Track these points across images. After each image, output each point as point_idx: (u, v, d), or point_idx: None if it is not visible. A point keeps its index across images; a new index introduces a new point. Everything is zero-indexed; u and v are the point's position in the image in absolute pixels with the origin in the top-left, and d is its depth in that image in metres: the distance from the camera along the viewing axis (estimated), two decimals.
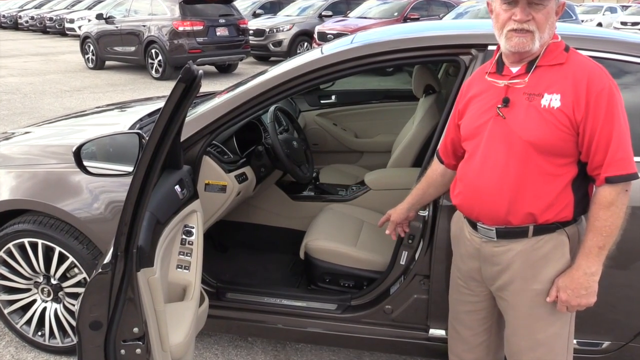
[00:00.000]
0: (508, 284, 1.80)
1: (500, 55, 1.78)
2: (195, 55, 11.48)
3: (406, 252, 2.37)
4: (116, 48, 12.63)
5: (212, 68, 12.96)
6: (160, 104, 3.33)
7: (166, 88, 10.36)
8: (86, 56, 13.48)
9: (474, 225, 1.85)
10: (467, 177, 1.81)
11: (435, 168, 2.09)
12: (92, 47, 13.19)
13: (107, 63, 13.47)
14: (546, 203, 1.68)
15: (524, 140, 1.65)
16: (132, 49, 12.24)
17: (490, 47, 2.15)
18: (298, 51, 13.41)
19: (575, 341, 2.20)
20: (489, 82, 1.77)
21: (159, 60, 11.65)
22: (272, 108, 3.14)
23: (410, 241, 2.34)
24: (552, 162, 1.66)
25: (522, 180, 1.68)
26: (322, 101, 4.55)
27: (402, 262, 2.38)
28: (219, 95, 2.75)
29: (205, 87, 10.90)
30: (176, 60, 11.44)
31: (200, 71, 1.69)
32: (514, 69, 1.72)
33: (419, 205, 2.20)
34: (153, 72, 11.88)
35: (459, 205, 1.88)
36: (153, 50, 11.71)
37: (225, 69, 12.95)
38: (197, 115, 2.45)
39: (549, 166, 1.66)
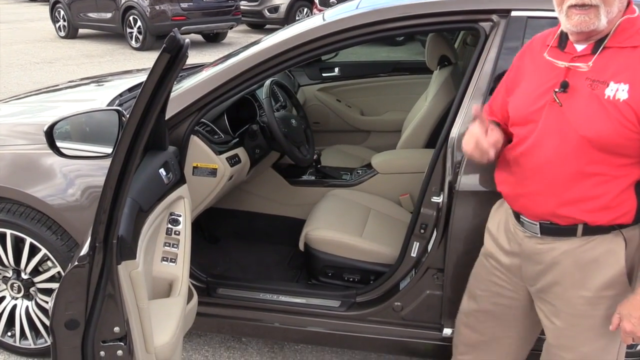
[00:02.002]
0: (552, 285, 1.77)
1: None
2: (179, 23, 11.46)
3: (418, 243, 2.38)
4: (90, 14, 12.56)
5: (199, 37, 12.93)
6: (142, 77, 3.32)
7: (148, 60, 10.32)
8: (57, 24, 13.40)
9: (517, 217, 1.83)
10: (515, 166, 1.76)
11: None
12: (63, 13, 13.12)
13: (81, 31, 13.40)
14: (600, 205, 1.63)
15: (579, 135, 1.59)
16: (109, 15, 12.17)
17: (514, 13, 2.14)
18: (297, 18, 13.34)
19: None
20: (546, 60, 1.69)
21: (139, 28, 11.60)
22: (267, 82, 3.13)
23: (422, 231, 2.35)
24: (612, 162, 1.60)
25: (573, 178, 1.62)
26: (324, 74, 4.53)
27: (413, 254, 2.39)
28: (207, 68, 2.74)
29: (192, 58, 10.86)
30: (158, 28, 11.41)
31: (187, 40, 1.68)
32: (579, 47, 1.64)
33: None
34: (132, 41, 11.85)
35: (505, 195, 1.86)
36: (132, 17, 11.66)
37: (213, 38, 12.91)
38: (184, 90, 2.45)
39: (607, 166, 1.60)
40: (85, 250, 1.76)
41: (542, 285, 1.80)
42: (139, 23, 11.57)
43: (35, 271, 2.66)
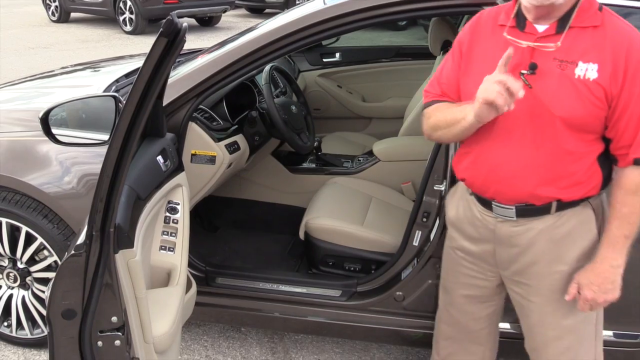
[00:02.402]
0: (530, 265, 1.79)
1: (520, 6, 1.67)
2: (171, 6, 11.51)
3: (420, 232, 2.38)
4: None
5: (192, 21, 12.92)
6: (139, 62, 3.30)
7: (145, 44, 10.29)
8: (49, 8, 13.48)
9: (486, 204, 1.82)
10: (480, 151, 1.75)
11: None
12: None
13: (75, 15, 13.37)
14: (573, 181, 1.67)
15: (555, 116, 1.61)
16: None
17: None
18: (297, 2, 13.28)
19: (611, 333, 2.23)
20: (506, 40, 1.66)
21: (131, 12, 11.68)
22: (267, 67, 3.12)
23: (424, 219, 2.35)
24: (582, 139, 1.64)
25: (550, 158, 1.65)
26: (324, 60, 4.52)
27: (415, 243, 2.39)
28: (204, 54, 2.73)
29: (187, 43, 10.84)
30: (150, 11, 11.52)
31: (185, 24, 1.67)
32: (540, 27, 1.64)
33: None
34: (125, 25, 11.93)
35: (468, 182, 1.84)
36: (123, 1, 11.70)
37: (207, 22, 12.94)
38: (182, 75, 2.44)
39: (578, 143, 1.64)
40: (82, 239, 1.76)
41: (518, 268, 1.82)
42: (130, 6, 11.64)
43: (32, 260, 2.67)
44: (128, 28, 11.87)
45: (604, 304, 1.70)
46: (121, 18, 11.91)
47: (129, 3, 11.63)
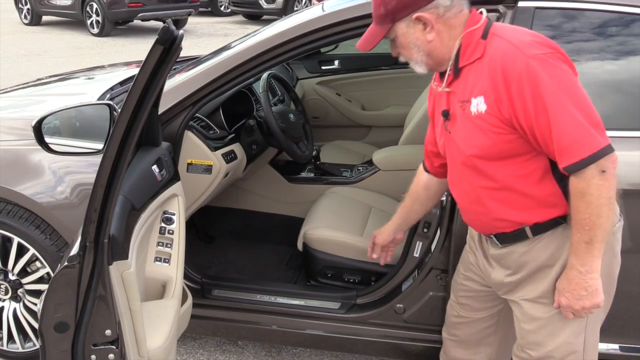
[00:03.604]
0: (518, 288, 1.84)
1: None
2: (135, 10, 12.24)
3: (421, 243, 2.38)
4: (52, 1, 13.15)
5: (160, 24, 13.24)
6: (135, 70, 3.31)
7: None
8: (21, 12, 14.04)
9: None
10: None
11: (419, 180, 2.17)
12: (25, 0, 13.77)
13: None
14: (527, 204, 1.71)
15: (467, 155, 1.71)
16: (69, 2, 12.78)
17: (521, 4, 2.14)
18: (295, 8, 13.33)
19: (617, 346, 2.23)
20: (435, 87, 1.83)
21: (97, 15, 12.34)
22: (265, 75, 3.13)
23: (425, 230, 2.35)
24: (512, 163, 1.67)
25: (489, 192, 1.72)
26: (323, 67, 4.53)
27: (416, 254, 2.39)
28: (198, 63, 2.74)
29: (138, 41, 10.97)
30: (115, 14, 12.22)
31: (181, 32, 1.68)
32: (444, 76, 1.76)
33: (406, 226, 2.29)
34: (92, 28, 12.57)
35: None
36: (91, 4, 12.29)
37: (174, 25, 13.29)
38: (178, 83, 2.44)
39: (510, 168, 1.68)
40: (75, 250, 1.76)
41: (508, 289, 1.87)
42: (97, 9, 12.28)
43: (24, 272, 2.66)
44: (95, 31, 12.50)
45: (583, 310, 1.69)
46: (89, 21, 12.55)
47: (95, 6, 12.18)
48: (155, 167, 2.13)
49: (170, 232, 2.23)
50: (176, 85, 2.43)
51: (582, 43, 2.18)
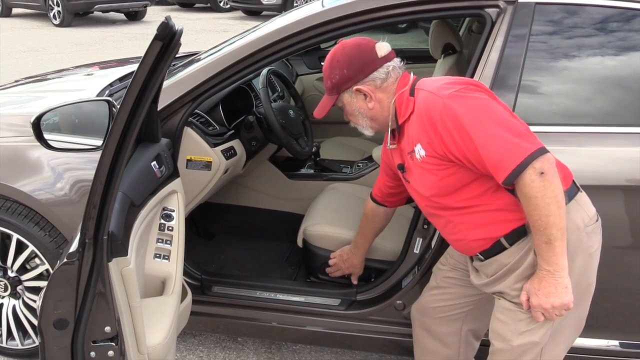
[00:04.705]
0: (495, 284, 1.90)
1: None
2: (92, 2, 13.15)
3: (421, 239, 2.38)
4: None
5: (121, 16, 14.52)
6: (134, 66, 3.31)
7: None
8: None
9: None
10: None
11: (371, 214, 2.47)
12: None
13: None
14: (493, 218, 1.81)
15: (426, 197, 1.89)
16: None
17: (521, 0, 2.15)
18: (295, 4, 13.30)
19: (617, 342, 2.24)
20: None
21: (58, 4, 13.15)
22: (264, 71, 3.12)
23: (425, 226, 2.35)
24: (466, 190, 1.81)
25: (458, 218, 1.85)
26: (322, 63, 4.50)
27: (416, 250, 2.39)
28: (197, 59, 2.73)
29: (114, 33, 11.05)
30: (74, 6, 13.09)
31: (181, 27, 1.67)
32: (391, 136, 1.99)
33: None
34: (54, 19, 13.39)
35: None
36: None
37: (133, 16, 14.52)
38: (177, 79, 2.44)
39: (466, 194, 1.81)
40: (74, 246, 1.76)
41: (485, 285, 1.95)
42: (57, 1, 13.10)
43: (23, 269, 2.66)
44: (57, 21, 13.26)
45: (553, 310, 1.72)
46: (51, 13, 13.30)
47: None
48: (154, 164, 2.13)
49: (170, 228, 2.23)
50: (175, 82, 2.43)
51: (583, 39, 2.18)
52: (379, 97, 1.93)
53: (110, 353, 1.82)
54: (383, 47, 1.94)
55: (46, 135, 2.15)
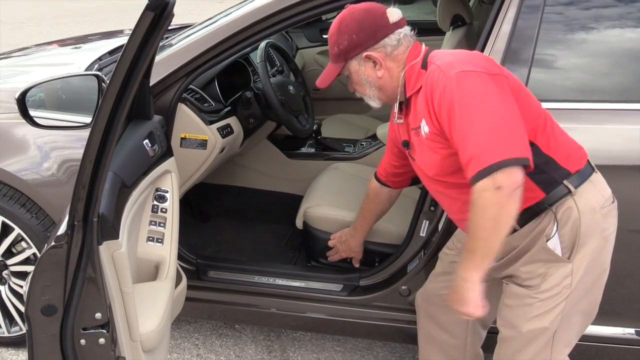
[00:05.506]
0: (501, 269, 1.93)
1: None
2: None
3: (427, 222, 2.38)
4: None
5: None
6: (124, 39, 3.29)
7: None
8: None
9: None
10: None
11: (374, 194, 2.49)
12: None
13: None
14: None
15: (430, 176, 1.90)
16: None
17: None
18: None
19: (633, 330, 2.25)
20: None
21: None
22: (262, 44, 3.10)
23: (432, 208, 2.35)
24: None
25: (463, 199, 1.77)
26: (324, 36, 4.50)
27: (423, 233, 2.39)
28: (192, 32, 2.72)
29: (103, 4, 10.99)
30: None
31: None
32: (397, 108, 2.00)
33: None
34: None
35: None
36: None
37: None
38: (171, 53, 2.43)
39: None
40: (62, 229, 1.76)
41: (498, 276, 1.96)
42: None
43: (8, 253, 2.67)
44: None
45: (463, 315, 1.76)
46: None
47: None
48: (146, 142, 2.12)
49: (164, 210, 2.24)
50: (168, 55, 2.41)
51: (601, 9, 2.17)
52: (388, 65, 1.91)
53: (101, 341, 1.83)
54: (394, 12, 1.91)
55: (32, 112, 2.15)
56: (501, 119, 1.63)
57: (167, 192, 2.25)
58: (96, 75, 2.27)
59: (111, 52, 3.12)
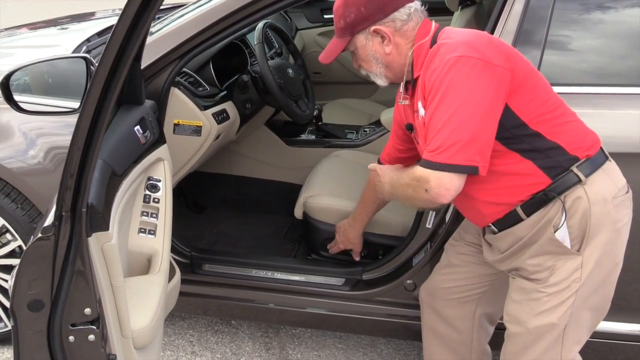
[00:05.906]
0: (509, 261, 1.93)
1: None
2: None
3: (433, 213, 2.38)
4: None
5: None
6: (114, 19, 3.28)
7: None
8: None
9: None
10: None
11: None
12: None
13: None
14: (508, 183, 1.81)
15: None
16: None
17: None
18: None
19: None
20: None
21: None
22: (260, 25, 3.09)
23: None
24: None
25: (467, 186, 1.77)
26: (325, 16, 4.49)
27: (429, 225, 2.39)
28: (185, 11, 2.71)
29: None
30: None
31: None
32: (403, 88, 2.00)
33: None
34: None
35: None
36: None
37: None
38: (163, 34, 2.42)
39: None
40: (49, 220, 1.75)
41: (499, 262, 1.98)
42: None
43: None
44: None
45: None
46: None
47: None
48: (138, 128, 2.11)
49: (156, 200, 2.23)
50: (161, 37, 2.40)
51: None
52: (397, 41, 1.89)
53: (91, 337, 1.83)
54: None
55: (16, 97, 2.14)
56: (471, 121, 1.65)
57: (159, 181, 2.24)
58: (84, 58, 2.26)
59: (100, 34, 3.11)
